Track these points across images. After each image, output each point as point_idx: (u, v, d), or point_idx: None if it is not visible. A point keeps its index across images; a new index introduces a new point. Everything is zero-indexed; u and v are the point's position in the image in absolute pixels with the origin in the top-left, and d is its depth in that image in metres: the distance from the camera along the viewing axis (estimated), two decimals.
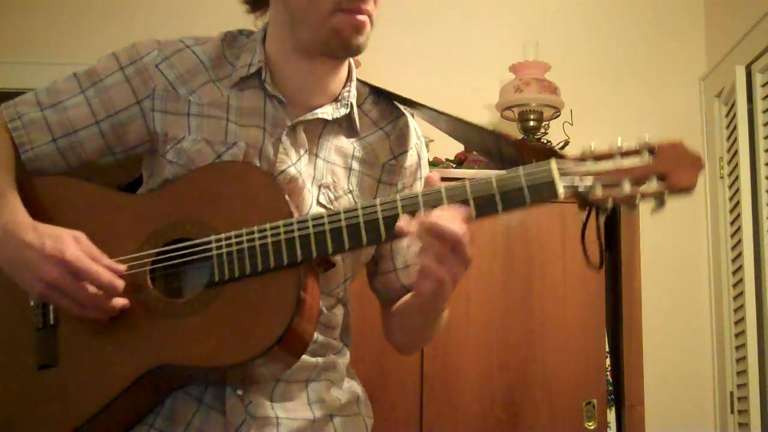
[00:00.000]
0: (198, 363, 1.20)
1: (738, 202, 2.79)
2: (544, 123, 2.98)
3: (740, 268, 2.78)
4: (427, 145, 2.81)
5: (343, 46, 1.31)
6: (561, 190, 1.16)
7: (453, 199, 1.18)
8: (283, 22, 1.34)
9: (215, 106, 1.34)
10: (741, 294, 2.77)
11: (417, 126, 1.48)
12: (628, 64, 3.23)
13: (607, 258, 2.66)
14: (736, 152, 2.81)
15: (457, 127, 1.43)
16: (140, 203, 1.33)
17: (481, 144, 1.42)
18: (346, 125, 1.39)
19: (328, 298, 1.37)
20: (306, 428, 1.33)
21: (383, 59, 3.16)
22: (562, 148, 2.90)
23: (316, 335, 1.34)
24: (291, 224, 1.22)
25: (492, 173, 1.18)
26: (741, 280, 2.77)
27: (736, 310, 2.83)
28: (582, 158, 1.17)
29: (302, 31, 1.31)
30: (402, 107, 1.46)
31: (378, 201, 1.21)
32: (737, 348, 2.80)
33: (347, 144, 1.39)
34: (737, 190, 2.80)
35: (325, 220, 1.21)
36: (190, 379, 1.28)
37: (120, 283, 1.22)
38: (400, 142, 1.43)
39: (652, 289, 2.90)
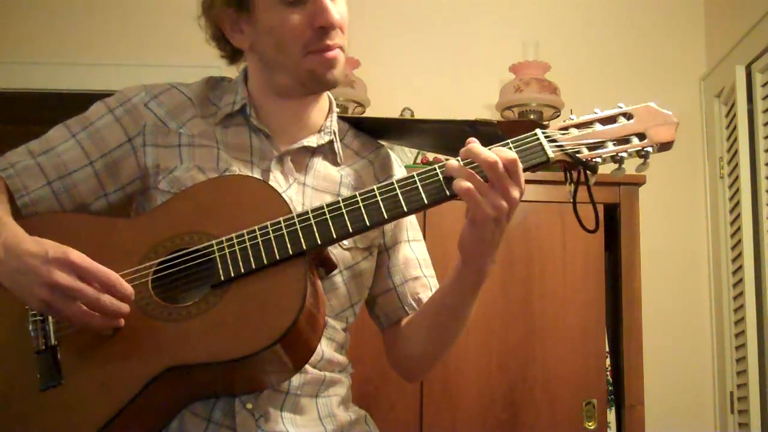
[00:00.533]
0: (207, 359, 1.18)
1: (738, 202, 2.79)
2: (544, 123, 2.98)
3: (740, 268, 2.78)
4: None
5: (320, 83, 1.36)
6: (551, 153, 1.22)
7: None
8: (261, 70, 1.39)
9: (205, 137, 1.38)
10: (741, 294, 2.77)
11: (397, 156, 1.54)
12: (628, 64, 3.23)
13: (607, 258, 2.66)
14: (736, 152, 2.81)
15: (437, 133, 1.47)
16: (135, 223, 1.34)
17: (459, 140, 1.45)
18: (330, 155, 1.43)
19: (338, 321, 1.39)
20: None
21: (383, 59, 3.16)
22: None
23: (324, 350, 1.34)
24: (291, 218, 1.24)
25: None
26: (741, 280, 2.77)
27: (736, 310, 2.83)
28: (564, 127, 1.25)
29: (279, 77, 1.37)
30: (382, 142, 1.52)
31: (375, 186, 1.24)
32: (737, 348, 2.80)
33: (334, 171, 1.43)
34: (737, 190, 2.80)
35: (326, 209, 1.24)
36: (199, 388, 1.25)
37: (125, 282, 1.21)
38: (383, 168, 1.48)
39: (652, 289, 2.90)
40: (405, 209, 1.23)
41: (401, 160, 2.77)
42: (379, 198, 1.23)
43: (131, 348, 1.21)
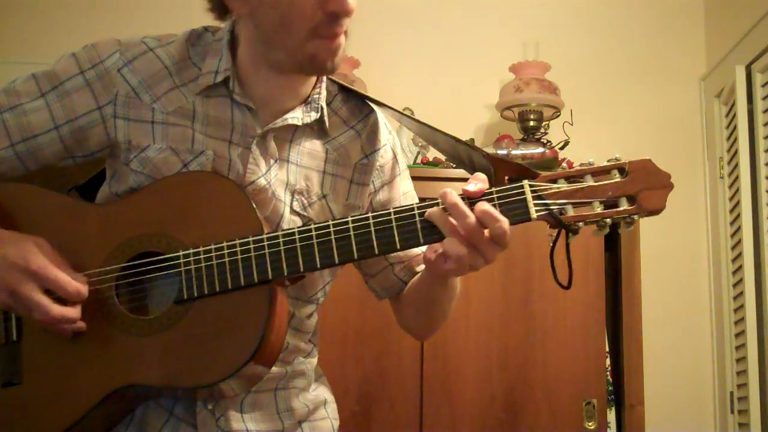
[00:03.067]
0: (167, 383, 1.19)
1: (738, 202, 2.79)
2: (544, 123, 2.98)
3: (740, 268, 2.78)
4: (426, 146, 2.82)
5: (318, 69, 1.28)
6: (534, 213, 1.16)
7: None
8: (256, 41, 1.29)
9: (180, 114, 1.31)
10: (741, 294, 2.77)
11: (387, 121, 1.45)
12: (628, 64, 3.23)
13: (607, 258, 2.66)
14: (736, 152, 2.81)
15: (428, 132, 1.42)
16: (105, 213, 1.29)
17: (452, 151, 1.41)
18: (317, 127, 1.36)
19: (308, 305, 1.37)
20: None
21: (383, 59, 3.17)
22: (562, 148, 2.90)
23: (288, 341, 1.33)
24: (261, 240, 1.20)
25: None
26: (741, 280, 2.77)
27: (736, 310, 2.84)
28: (554, 178, 1.18)
29: (276, 53, 1.27)
30: (371, 103, 1.44)
31: (350, 218, 1.19)
32: (737, 348, 2.80)
33: (319, 146, 1.36)
34: (737, 190, 2.80)
35: (296, 237, 1.19)
36: (158, 395, 1.27)
37: (85, 290, 1.20)
38: (371, 140, 1.41)
39: (652, 289, 2.90)
40: (376, 251, 1.18)
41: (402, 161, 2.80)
42: (352, 233, 1.18)
43: (91, 358, 1.21)
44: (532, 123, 2.95)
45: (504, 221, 1.14)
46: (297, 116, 1.33)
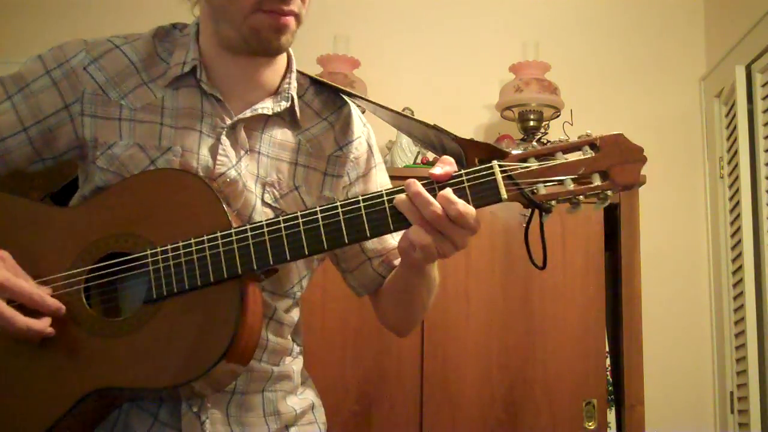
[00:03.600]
0: (139, 385, 1.17)
1: (738, 202, 2.79)
2: (544, 123, 2.98)
3: (740, 268, 2.78)
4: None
5: (262, 46, 1.27)
6: (504, 194, 1.14)
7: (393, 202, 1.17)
8: (209, 18, 1.30)
9: (148, 110, 1.29)
10: (741, 294, 2.77)
11: (361, 114, 1.45)
12: (628, 64, 3.23)
13: (607, 258, 2.66)
14: (736, 152, 2.81)
15: (399, 120, 1.41)
16: (72, 216, 1.27)
17: (424, 137, 1.40)
18: (288, 118, 1.35)
19: (285, 299, 1.35)
20: None
21: (383, 59, 3.17)
22: None
23: (268, 336, 1.32)
24: (229, 236, 1.18)
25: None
26: (741, 280, 2.77)
27: (736, 310, 2.83)
28: (524, 157, 1.15)
29: (223, 28, 1.27)
30: (345, 96, 1.43)
31: (318, 208, 1.18)
32: (737, 348, 2.80)
33: (291, 137, 1.35)
34: (737, 190, 2.80)
35: (265, 230, 1.18)
36: (138, 397, 1.24)
37: (50, 300, 1.18)
38: (344, 132, 1.40)
39: (652, 289, 2.90)
40: (346, 240, 1.17)
41: (401, 161, 2.80)
42: (321, 223, 1.17)
43: (61, 362, 1.19)
44: (532, 123, 2.95)
45: (459, 203, 1.12)
46: (267, 106, 1.32)
